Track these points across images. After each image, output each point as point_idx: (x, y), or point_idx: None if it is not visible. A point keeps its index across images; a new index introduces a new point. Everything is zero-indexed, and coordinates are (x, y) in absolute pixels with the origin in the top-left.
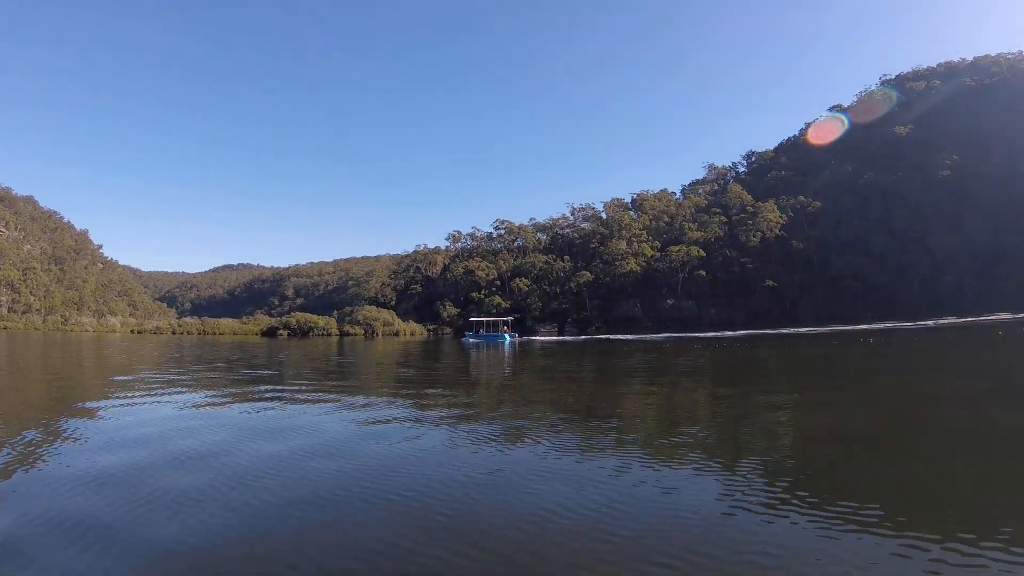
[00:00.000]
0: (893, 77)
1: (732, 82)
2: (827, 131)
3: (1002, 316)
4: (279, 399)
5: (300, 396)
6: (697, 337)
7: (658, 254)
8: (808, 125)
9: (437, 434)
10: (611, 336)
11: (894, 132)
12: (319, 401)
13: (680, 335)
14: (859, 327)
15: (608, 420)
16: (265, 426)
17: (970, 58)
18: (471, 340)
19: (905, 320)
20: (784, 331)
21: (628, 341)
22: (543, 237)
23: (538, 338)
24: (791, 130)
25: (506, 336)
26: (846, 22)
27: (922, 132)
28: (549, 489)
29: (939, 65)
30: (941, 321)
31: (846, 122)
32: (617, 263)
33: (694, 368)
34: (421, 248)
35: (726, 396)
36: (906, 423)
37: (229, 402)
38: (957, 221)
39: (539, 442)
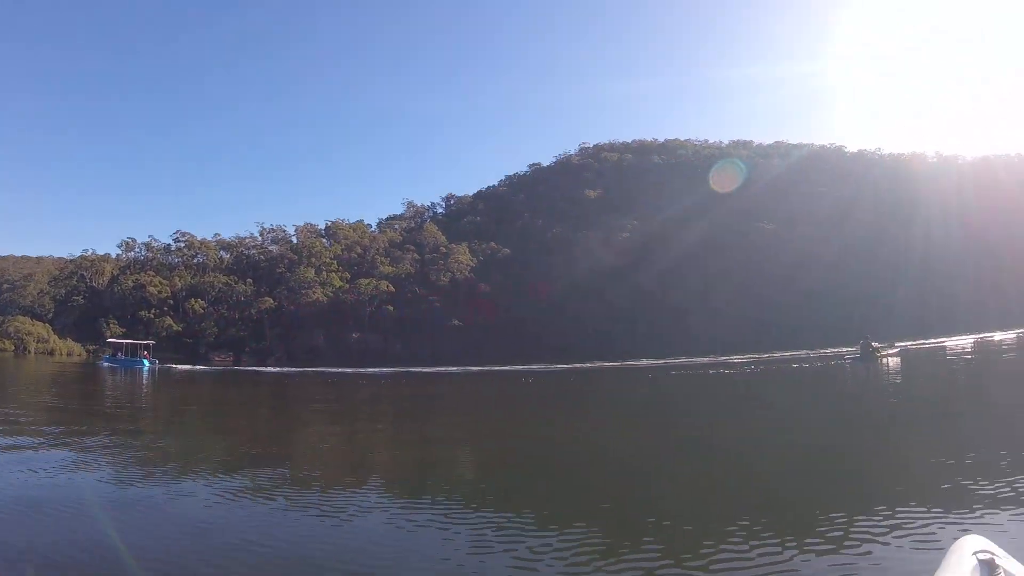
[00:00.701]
0: (591, 146)
1: (440, 131)
2: None
3: (644, 362)
4: None
5: None
6: (360, 372)
7: (347, 285)
8: (507, 177)
9: None
10: (258, 368)
11: (584, 194)
12: None
13: (336, 370)
14: (530, 367)
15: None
16: None
17: (662, 139)
18: (106, 364)
19: (577, 362)
20: (455, 369)
21: (271, 373)
22: (226, 256)
23: (179, 367)
24: (490, 181)
25: (145, 362)
26: (553, 92)
27: (610, 197)
28: None
29: (633, 141)
30: (596, 364)
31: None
32: (304, 291)
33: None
34: (89, 254)
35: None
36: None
37: None
38: (633, 277)
39: None
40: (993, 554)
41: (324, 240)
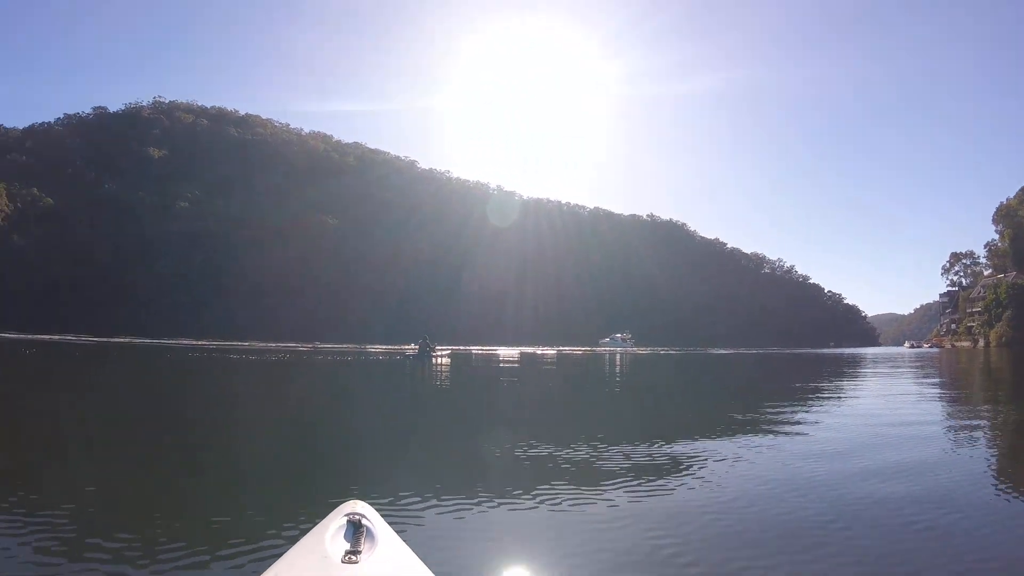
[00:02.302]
0: (167, 101)
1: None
2: None
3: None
4: None
5: None
6: None
7: None
8: (67, 116)
9: None
10: None
11: (148, 152)
12: None
13: None
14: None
15: None
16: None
17: (243, 112)
18: None
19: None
20: None
21: None
22: None
23: None
24: (46, 117)
25: None
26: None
27: (174, 160)
28: None
29: (212, 107)
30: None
31: None
32: None
33: None
34: None
35: None
36: None
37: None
38: (184, 250)
39: None
40: (363, 515)
41: None
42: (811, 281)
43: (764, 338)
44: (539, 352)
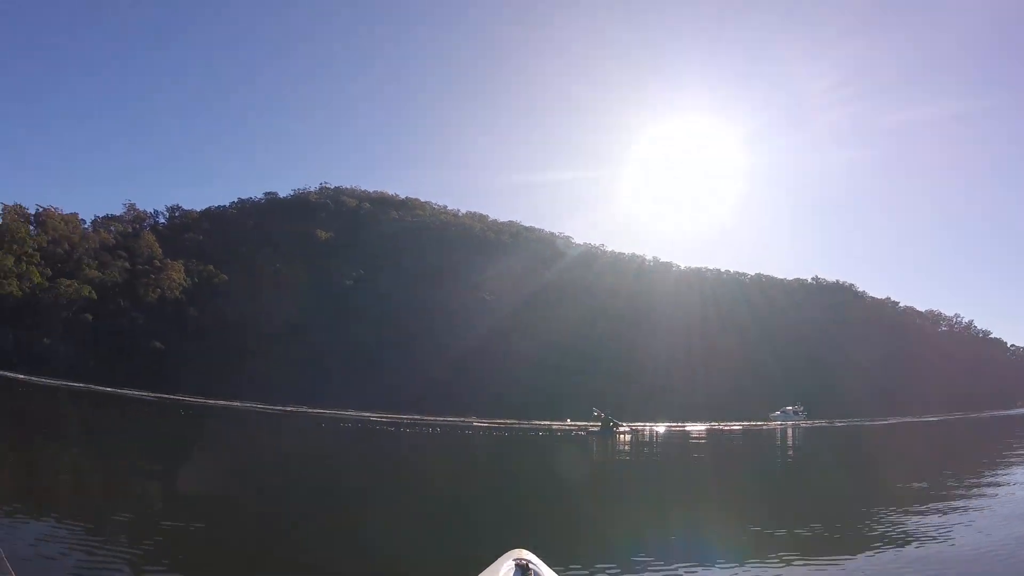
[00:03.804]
0: (332, 187)
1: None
2: None
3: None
4: None
5: None
6: None
7: (47, 283)
8: (240, 200)
9: None
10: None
11: (315, 235)
12: None
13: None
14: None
15: None
16: None
17: (403, 195)
18: None
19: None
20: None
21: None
22: None
23: None
24: (221, 200)
25: None
26: (303, 120)
27: (340, 241)
28: None
29: (375, 191)
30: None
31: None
32: None
33: None
34: None
35: None
36: None
37: None
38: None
39: None
40: (529, 560)
41: (32, 228)
42: (992, 336)
43: (945, 402)
44: (722, 428)
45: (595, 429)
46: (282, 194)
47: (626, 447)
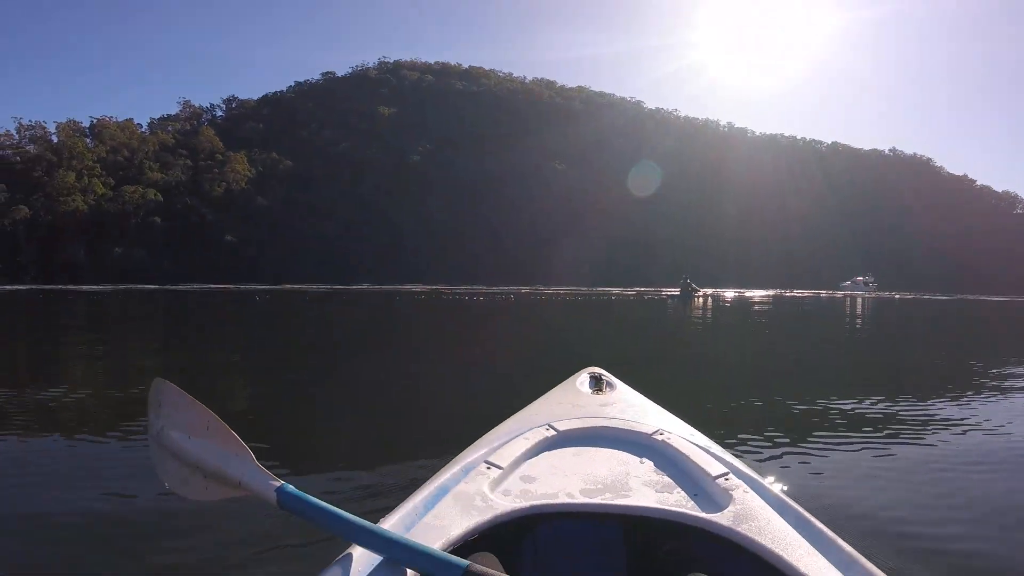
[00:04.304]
0: (391, 61)
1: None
2: None
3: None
4: None
5: None
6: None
7: (111, 192)
8: (297, 84)
9: None
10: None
11: (378, 111)
12: None
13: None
14: (294, 286)
15: None
16: None
17: (466, 65)
18: None
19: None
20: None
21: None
22: None
23: None
24: (278, 86)
25: None
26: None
27: (403, 117)
28: None
29: (436, 63)
30: (363, 287)
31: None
32: (62, 199)
33: None
34: None
35: None
36: None
37: None
38: (421, 201)
39: None
40: (602, 373)
41: (88, 140)
42: None
43: (1014, 284)
44: (788, 294)
45: (674, 293)
46: (340, 72)
47: (706, 310)
